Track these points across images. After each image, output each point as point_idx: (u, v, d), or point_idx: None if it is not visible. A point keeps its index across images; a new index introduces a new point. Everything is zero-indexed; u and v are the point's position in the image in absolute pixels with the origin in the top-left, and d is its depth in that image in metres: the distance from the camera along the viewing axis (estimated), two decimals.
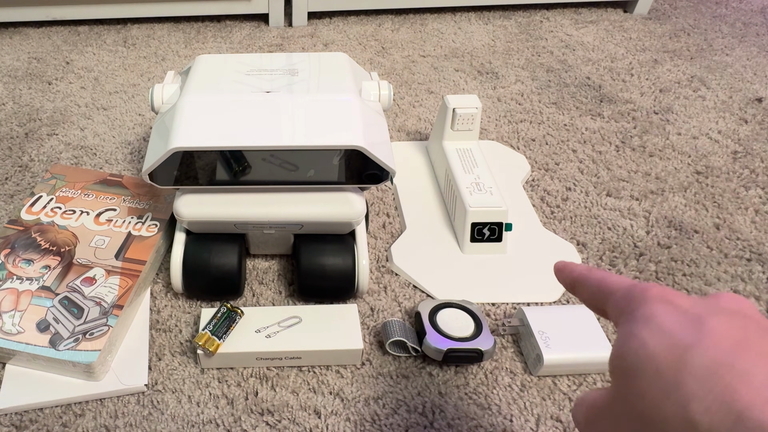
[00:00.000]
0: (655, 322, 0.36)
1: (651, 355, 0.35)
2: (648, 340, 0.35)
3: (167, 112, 0.75)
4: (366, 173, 0.73)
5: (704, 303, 0.37)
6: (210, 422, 0.68)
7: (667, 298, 0.38)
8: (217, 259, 0.77)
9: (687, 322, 0.35)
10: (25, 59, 1.34)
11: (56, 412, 0.69)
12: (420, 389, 0.72)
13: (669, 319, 0.36)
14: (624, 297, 0.41)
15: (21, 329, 0.72)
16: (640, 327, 0.37)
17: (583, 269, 0.47)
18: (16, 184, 1.00)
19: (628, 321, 0.38)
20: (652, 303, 0.38)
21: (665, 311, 0.37)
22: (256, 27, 1.50)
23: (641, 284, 0.40)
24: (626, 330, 0.38)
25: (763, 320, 0.36)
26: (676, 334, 0.35)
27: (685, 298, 0.38)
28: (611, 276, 0.44)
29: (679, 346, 0.34)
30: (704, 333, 0.34)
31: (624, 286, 0.41)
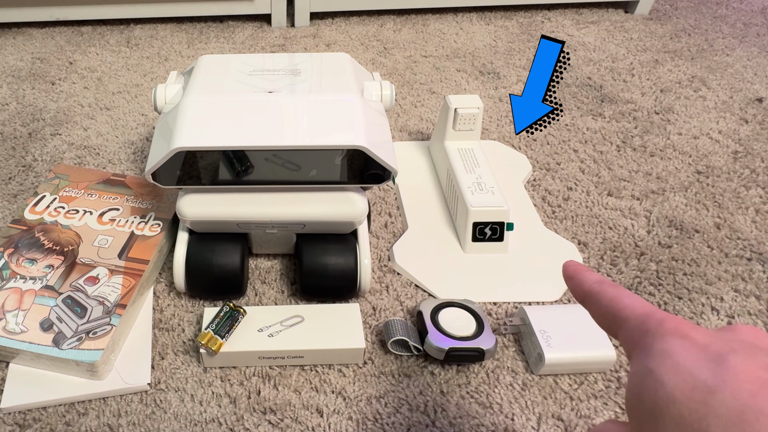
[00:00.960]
0: (673, 360, 0.34)
1: (672, 398, 0.33)
2: (667, 380, 0.33)
3: (170, 112, 0.75)
4: (368, 173, 0.73)
5: (723, 337, 0.35)
6: (213, 421, 0.68)
7: (684, 332, 0.35)
8: (219, 258, 0.77)
9: (707, 360, 0.33)
10: (29, 59, 1.35)
11: (59, 410, 0.69)
12: (422, 388, 0.72)
13: (688, 357, 0.34)
14: (638, 327, 0.38)
15: (24, 328, 0.72)
16: (658, 364, 0.35)
17: (595, 284, 0.44)
18: (20, 183, 1.00)
19: (643, 355, 0.36)
20: (669, 337, 0.36)
21: (683, 347, 0.34)
22: (258, 27, 1.51)
23: (656, 314, 0.38)
24: (642, 366, 0.36)
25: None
26: (697, 375, 0.32)
27: (703, 332, 0.36)
28: (625, 297, 0.41)
29: (702, 388, 0.32)
30: (727, 374, 0.32)
31: (638, 314, 0.39)
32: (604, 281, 0.44)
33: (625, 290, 0.42)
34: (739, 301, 0.82)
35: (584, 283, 0.45)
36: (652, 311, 0.39)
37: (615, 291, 0.42)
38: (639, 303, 0.40)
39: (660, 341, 0.36)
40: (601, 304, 0.43)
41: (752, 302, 0.82)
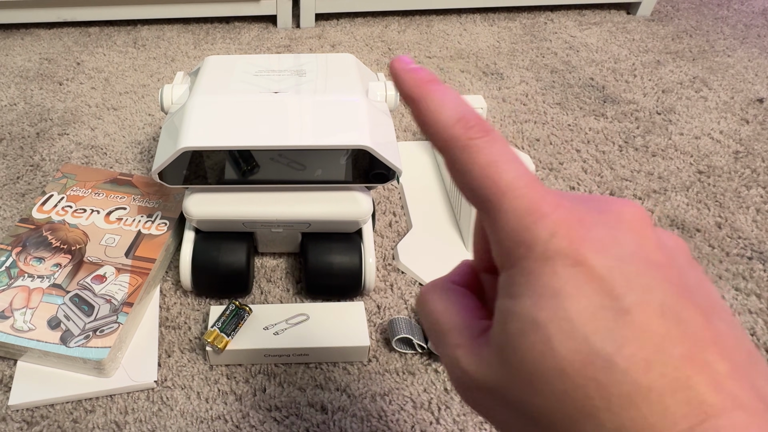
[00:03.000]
0: (564, 311, 0.27)
1: (561, 369, 0.27)
2: (557, 345, 0.27)
3: (177, 113, 0.75)
4: (373, 172, 0.73)
5: (618, 257, 0.28)
6: (218, 418, 0.69)
7: (580, 257, 0.28)
8: (225, 257, 0.78)
9: (603, 311, 0.27)
10: (37, 60, 1.35)
11: (67, 408, 0.70)
12: (426, 386, 0.72)
13: (582, 306, 0.27)
14: (521, 238, 0.29)
15: (32, 326, 0.72)
16: (547, 314, 0.27)
17: (449, 119, 0.32)
18: (28, 183, 1.00)
19: (526, 288, 0.29)
20: (560, 268, 0.28)
21: (578, 288, 0.27)
22: (264, 28, 1.51)
23: (548, 215, 0.29)
24: (526, 311, 0.28)
25: (673, 263, 0.30)
26: (591, 339, 0.27)
27: (600, 248, 0.28)
28: (505, 166, 0.31)
29: (596, 362, 0.27)
30: (623, 337, 0.26)
31: (526, 204, 0.29)
32: (471, 126, 0.32)
33: (504, 144, 0.32)
34: (740, 300, 0.82)
35: (442, 124, 0.33)
36: (541, 204, 0.29)
37: (490, 153, 0.31)
38: (524, 182, 0.30)
39: (550, 271, 0.28)
40: (470, 170, 0.31)
41: (753, 301, 0.82)
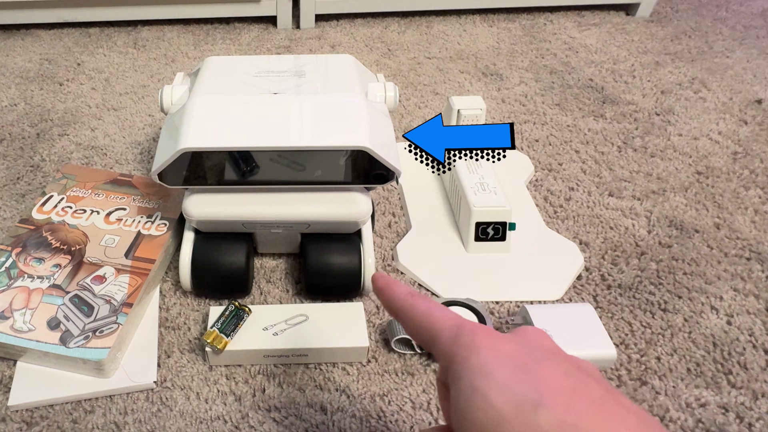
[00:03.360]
0: (493, 377, 0.37)
1: (501, 417, 0.35)
2: (494, 399, 0.36)
3: (176, 113, 0.76)
4: (372, 173, 0.74)
5: (521, 345, 0.39)
6: (218, 419, 0.69)
7: (492, 345, 0.39)
8: (225, 257, 0.78)
9: (521, 374, 0.37)
10: (37, 60, 1.35)
11: (66, 408, 0.70)
12: (425, 386, 0.72)
13: (505, 372, 0.37)
14: (452, 341, 0.41)
15: (32, 327, 0.72)
16: (480, 381, 0.37)
17: (406, 298, 0.47)
18: (28, 183, 1.00)
19: (463, 371, 0.39)
20: (482, 351, 0.39)
21: (497, 361, 0.38)
22: (264, 29, 1.51)
23: (466, 326, 0.41)
24: (465, 383, 0.38)
25: (569, 356, 0.40)
26: (517, 391, 0.36)
27: (505, 340, 0.40)
28: (435, 310, 0.44)
29: (525, 405, 0.35)
30: (542, 387, 0.36)
31: (450, 326, 0.42)
32: (414, 294, 0.47)
33: (436, 303, 0.45)
34: (738, 300, 0.82)
35: (396, 297, 0.47)
36: (462, 323, 0.42)
37: (426, 304, 0.45)
38: (449, 315, 0.43)
39: (476, 356, 0.39)
40: (414, 317, 0.45)
41: (751, 301, 0.82)
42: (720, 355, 0.76)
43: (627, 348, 0.76)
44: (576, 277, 0.85)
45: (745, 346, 0.77)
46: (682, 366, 0.74)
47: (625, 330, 0.79)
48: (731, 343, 0.77)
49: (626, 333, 0.78)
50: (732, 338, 0.78)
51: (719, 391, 0.72)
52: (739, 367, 0.74)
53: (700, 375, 0.73)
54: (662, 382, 0.73)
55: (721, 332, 0.79)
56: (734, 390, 0.72)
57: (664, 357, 0.75)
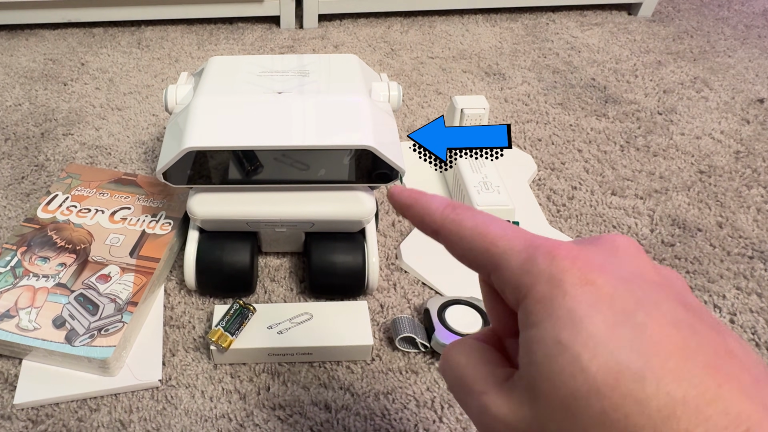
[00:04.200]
0: (586, 331, 0.28)
1: (595, 388, 0.27)
2: (586, 362, 0.28)
3: (181, 113, 0.76)
4: (376, 172, 0.74)
5: (620, 277, 0.30)
6: (223, 417, 0.69)
7: (584, 278, 0.30)
8: (229, 256, 0.78)
9: (621, 327, 0.28)
10: (41, 60, 1.36)
11: (72, 406, 0.70)
12: (429, 384, 0.73)
13: (600, 323, 0.28)
14: (524, 268, 0.32)
15: (37, 325, 0.72)
16: (569, 335, 0.28)
17: (446, 213, 0.36)
18: (33, 183, 1.01)
19: (543, 317, 0.30)
20: (569, 289, 0.29)
21: (591, 307, 0.29)
22: (267, 29, 1.52)
23: (542, 246, 0.32)
24: (547, 333, 0.29)
25: (673, 285, 0.31)
26: (617, 354, 0.27)
27: (599, 269, 0.30)
28: (491, 225, 0.34)
29: (626, 374, 0.27)
30: (647, 348, 0.27)
31: (518, 247, 0.32)
32: (456, 205, 0.37)
33: (487, 215, 0.35)
34: (741, 299, 0.83)
35: (431, 212, 0.37)
36: (534, 241, 0.32)
37: (475, 218, 0.35)
38: (512, 231, 0.34)
39: (561, 296, 0.29)
40: (463, 236, 0.35)
41: (754, 300, 0.82)
42: None
43: None
44: None
45: None
46: None
47: None
48: None
49: None
50: None
51: None
52: None
53: None
54: None
55: None
56: None
57: None
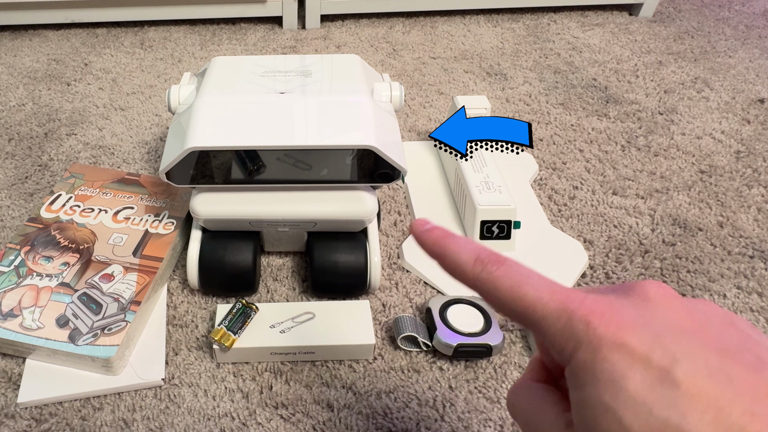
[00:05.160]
0: (625, 392, 0.30)
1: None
2: (628, 422, 0.30)
3: (184, 113, 0.76)
4: (378, 172, 0.74)
5: (652, 333, 0.31)
6: (225, 415, 0.69)
7: (619, 340, 0.31)
8: (232, 256, 0.78)
9: (657, 385, 0.30)
10: (45, 61, 1.36)
11: (75, 405, 0.70)
12: (431, 383, 0.73)
13: (638, 383, 0.30)
14: (563, 334, 0.34)
15: (41, 325, 0.73)
16: (611, 397, 0.31)
17: (476, 272, 0.38)
18: (36, 182, 1.01)
19: (586, 381, 0.32)
20: (606, 354, 0.31)
21: (628, 368, 0.30)
22: (270, 29, 1.52)
23: (577, 310, 0.33)
24: (591, 396, 0.32)
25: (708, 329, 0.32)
26: (656, 412, 0.29)
27: (632, 328, 0.32)
28: (526, 287, 0.36)
29: (666, 430, 0.29)
30: (683, 403, 0.29)
31: (554, 313, 0.34)
32: (486, 261, 0.38)
33: (521, 269, 0.37)
34: (742, 298, 0.83)
35: (463, 266, 0.39)
36: (569, 305, 0.34)
37: (511, 278, 0.37)
38: (547, 294, 0.35)
39: (600, 361, 0.32)
40: (500, 296, 0.37)
41: (754, 299, 0.83)
42: None
43: None
44: (580, 275, 0.86)
45: None
46: None
47: None
48: None
49: None
50: None
51: None
52: None
53: None
54: None
55: None
56: None
57: None
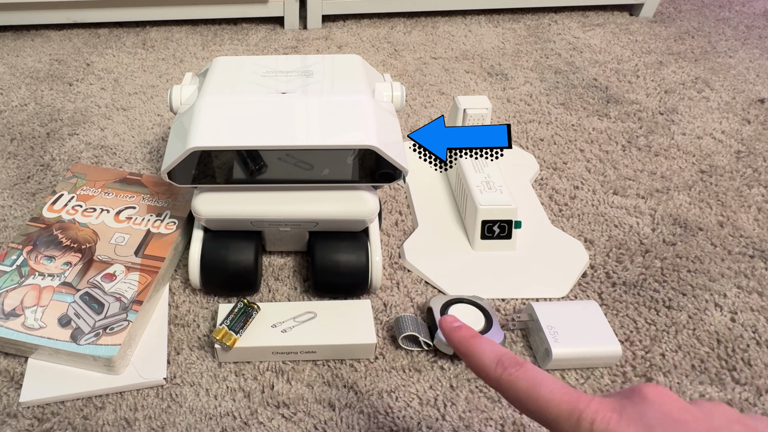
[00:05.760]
0: None
1: None
2: None
3: (185, 113, 0.76)
4: (379, 172, 0.74)
5: (649, 425, 0.36)
6: (227, 415, 0.69)
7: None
8: (234, 255, 0.78)
9: None
10: (47, 61, 1.36)
11: (77, 405, 0.70)
12: (432, 382, 0.73)
13: None
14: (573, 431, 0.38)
15: (43, 324, 0.73)
16: None
17: (498, 372, 0.43)
18: (38, 182, 1.01)
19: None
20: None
21: None
22: (271, 30, 1.52)
23: (584, 413, 0.38)
24: None
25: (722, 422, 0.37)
26: None
27: (631, 424, 0.37)
28: (541, 389, 0.41)
29: None
30: None
31: (565, 414, 0.39)
32: (507, 364, 0.43)
33: (536, 373, 0.42)
34: (742, 298, 0.83)
35: (486, 367, 0.44)
36: (577, 405, 0.39)
37: (528, 377, 0.42)
38: (559, 395, 0.40)
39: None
40: (518, 396, 0.42)
41: (755, 299, 0.83)
42: (724, 352, 0.76)
43: (632, 345, 0.77)
44: (581, 275, 0.86)
45: (749, 342, 0.77)
46: (686, 362, 0.75)
47: (630, 327, 0.79)
48: (735, 339, 0.78)
49: (631, 330, 0.79)
50: (736, 335, 0.78)
51: (723, 387, 0.72)
52: (743, 363, 0.75)
53: (705, 371, 0.74)
54: (667, 379, 0.73)
55: (725, 329, 0.79)
56: (738, 386, 0.72)
57: (668, 353, 0.76)
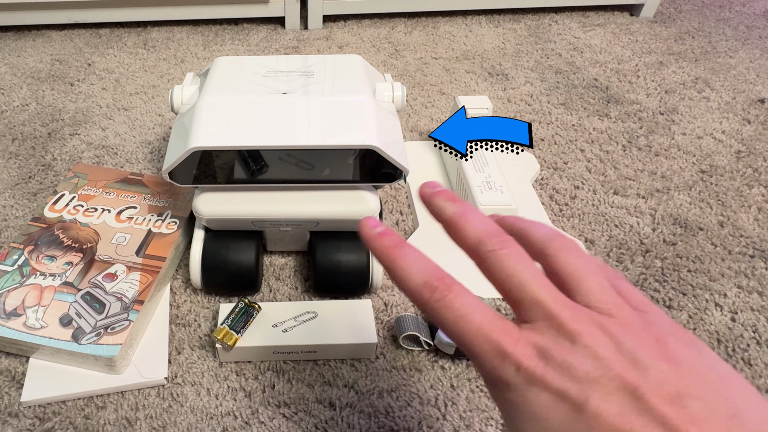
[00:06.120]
0: (543, 426, 0.34)
1: None
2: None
3: (186, 113, 0.76)
4: (380, 172, 0.74)
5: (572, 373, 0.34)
6: (228, 414, 0.69)
7: (543, 383, 0.34)
8: (235, 255, 0.78)
9: (574, 419, 0.33)
10: (48, 61, 1.36)
11: (79, 404, 0.70)
12: (432, 382, 0.73)
13: (556, 419, 0.33)
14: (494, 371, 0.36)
15: (44, 324, 0.73)
16: (530, 427, 0.34)
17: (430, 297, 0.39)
18: (39, 182, 1.01)
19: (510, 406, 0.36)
20: (531, 395, 0.34)
21: (547, 404, 0.34)
22: (272, 30, 1.52)
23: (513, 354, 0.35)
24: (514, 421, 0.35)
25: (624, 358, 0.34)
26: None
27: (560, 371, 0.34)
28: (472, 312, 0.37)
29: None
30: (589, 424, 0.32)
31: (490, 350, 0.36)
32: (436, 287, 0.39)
33: (465, 296, 0.38)
34: (742, 297, 0.83)
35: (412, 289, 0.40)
36: (504, 345, 0.35)
37: (456, 306, 0.38)
38: (486, 330, 0.36)
39: (525, 402, 0.34)
40: (445, 325, 0.38)
41: (755, 298, 0.83)
42: (724, 352, 0.76)
43: None
44: None
45: (749, 342, 0.77)
46: None
47: None
48: (735, 339, 0.78)
49: None
50: (736, 335, 0.78)
51: None
52: (743, 363, 0.75)
53: None
54: None
55: (725, 329, 0.79)
56: None
57: None
